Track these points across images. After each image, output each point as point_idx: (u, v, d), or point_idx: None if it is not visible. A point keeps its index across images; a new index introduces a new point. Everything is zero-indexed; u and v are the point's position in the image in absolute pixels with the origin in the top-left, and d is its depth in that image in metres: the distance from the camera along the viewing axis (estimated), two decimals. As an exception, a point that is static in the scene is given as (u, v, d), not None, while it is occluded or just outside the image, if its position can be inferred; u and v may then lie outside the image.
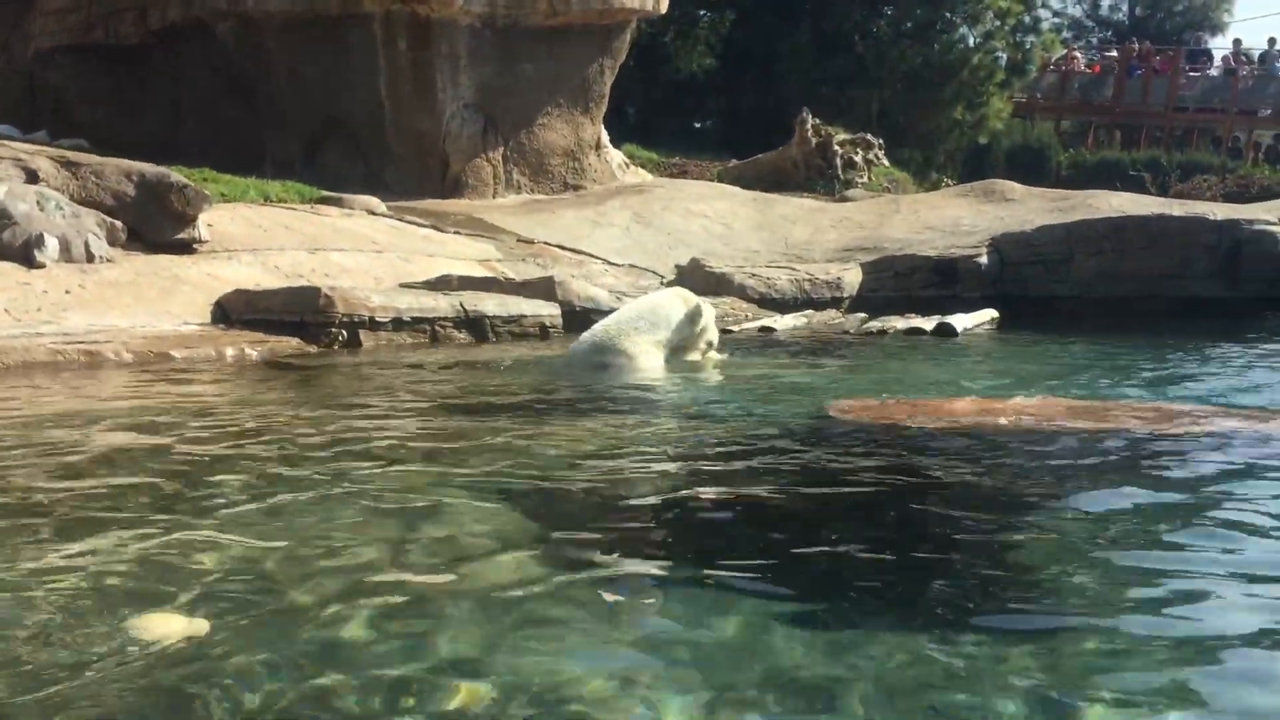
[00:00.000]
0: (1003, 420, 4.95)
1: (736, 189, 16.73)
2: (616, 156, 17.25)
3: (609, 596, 2.75)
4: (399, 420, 5.22)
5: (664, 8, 16.30)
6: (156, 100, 15.97)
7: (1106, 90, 29.59)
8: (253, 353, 7.67)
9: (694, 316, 7.46)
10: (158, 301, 8.35)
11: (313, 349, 7.97)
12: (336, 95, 14.78)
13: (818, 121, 19.06)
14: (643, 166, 18.29)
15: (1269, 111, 28.55)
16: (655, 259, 12.89)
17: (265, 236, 10.47)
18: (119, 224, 9.12)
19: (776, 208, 15.51)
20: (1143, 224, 12.00)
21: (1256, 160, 26.77)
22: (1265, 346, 8.56)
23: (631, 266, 12.63)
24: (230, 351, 7.59)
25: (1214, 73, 29.79)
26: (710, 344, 7.68)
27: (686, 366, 7.31)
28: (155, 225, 9.37)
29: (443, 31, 14.51)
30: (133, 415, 5.29)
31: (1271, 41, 30.17)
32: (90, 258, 8.58)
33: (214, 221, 9.98)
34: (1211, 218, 11.98)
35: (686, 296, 7.65)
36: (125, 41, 15.94)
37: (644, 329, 7.29)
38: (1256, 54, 29.97)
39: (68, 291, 8.01)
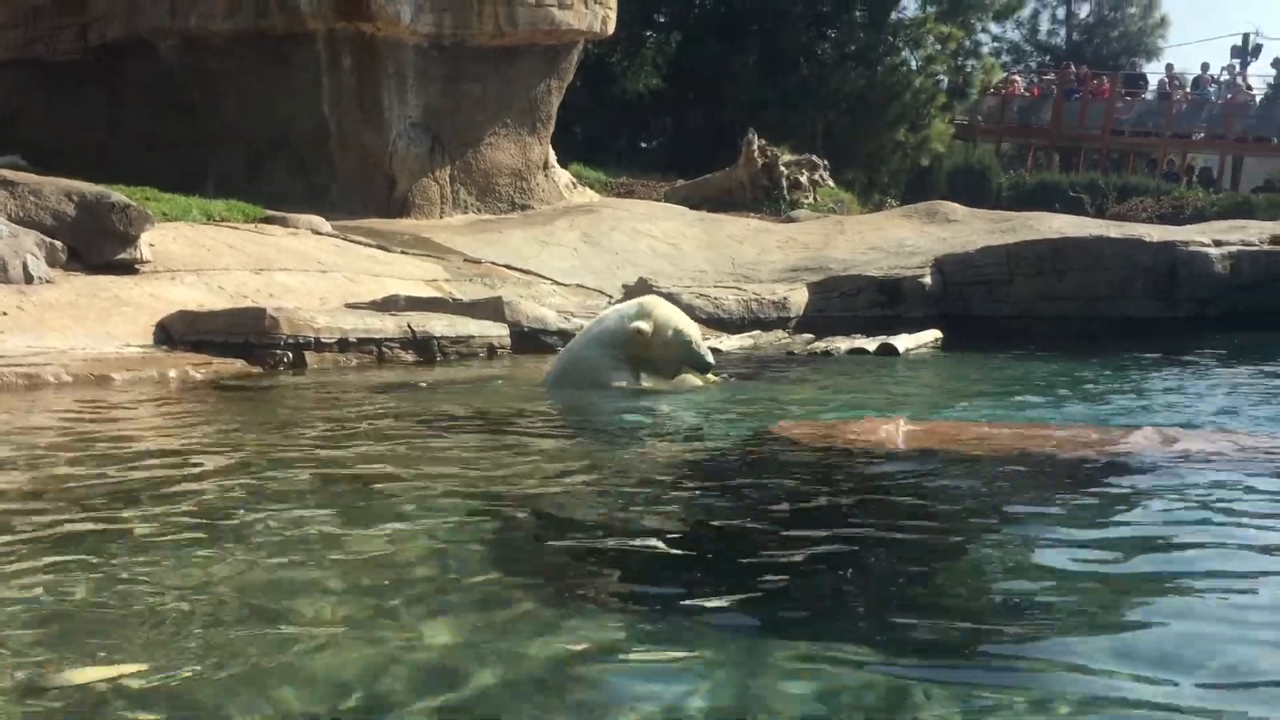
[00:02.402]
0: (936, 440, 5.03)
1: (684, 209, 16.83)
2: (564, 176, 17.29)
3: (537, 624, 2.75)
4: (342, 444, 5.18)
5: (611, 28, 16.40)
6: (97, 117, 15.77)
7: (1045, 114, 30.16)
8: (196, 375, 7.58)
9: (657, 330, 6.77)
10: (98, 323, 8.23)
11: (257, 371, 7.90)
12: (281, 114, 14.69)
13: (764, 142, 19.24)
14: (590, 186, 18.34)
15: (1202, 135, 29.26)
16: (603, 279, 12.92)
17: (209, 256, 10.36)
18: (59, 244, 8.99)
19: (723, 228, 15.62)
20: (1081, 245, 12.22)
21: (1190, 183, 27.40)
22: (1196, 365, 8.75)
23: (580, 286, 12.65)
24: (173, 373, 7.49)
25: (1149, 97, 30.49)
26: (697, 365, 6.94)
27: (667, 387, 6.96)
28: (96, 245, 9.25)
29: (389, 51, 14.49)
30: (69, 441, 5.21)
31: (1204, 67, 30.99)
32: (29, 279, 8.44)
33: (156, 241, 9.87)
34: (1148, 240, 12.24)
35: (649, 307, 6.99)
36: (66, 58, 15.73)
37: (606, 343, 6.93)
38: (1190, 79, 30.74)
39: (5, 313, 7.87)
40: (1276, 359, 8.79)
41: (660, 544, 3.47)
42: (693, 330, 7.00)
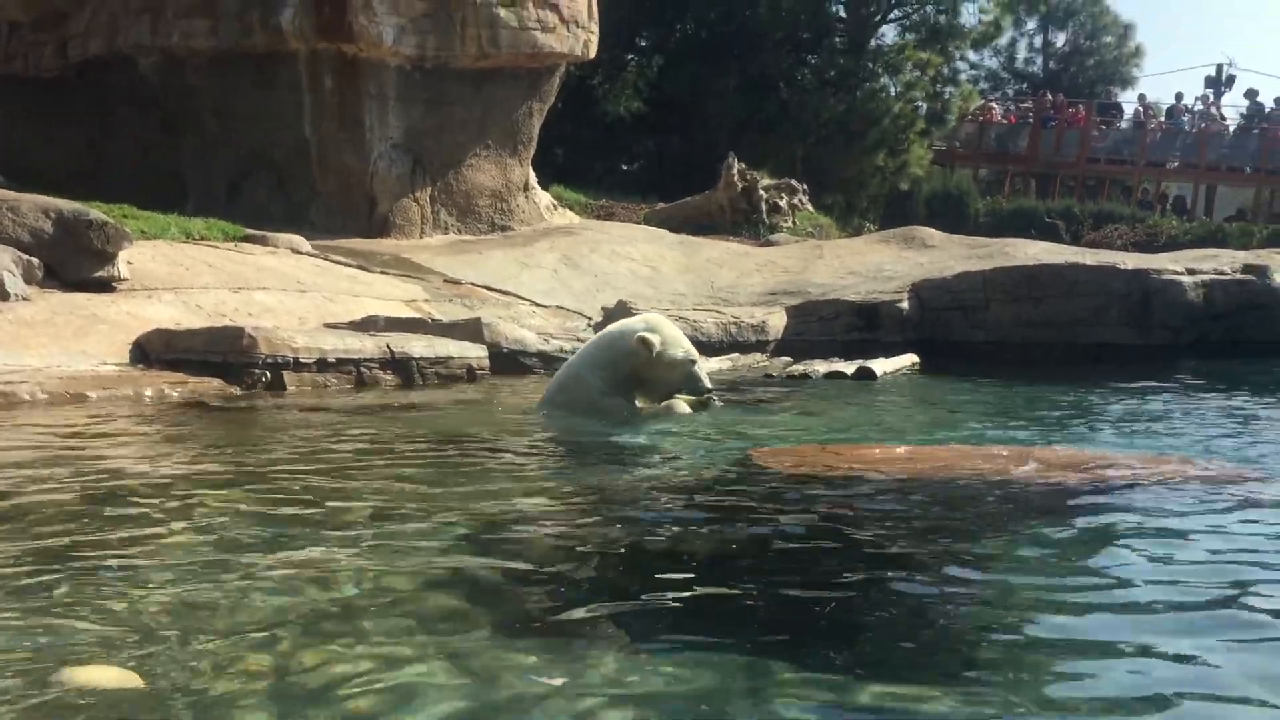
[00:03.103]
0: (910, 466, 5.06)
1: (663, 232, 16.89)
2: (544, 198, 17.34)
3: (516, 644, 2.76)
4: (320, 468, 5.17)
5: (593, 52, 16.48)
6: (77, 134, 15.71)
7: (1022, 141, 30.44)
8: (173, 394, 7.54)
9: (664, 348, 6.58)
10: (75, 341, 8.19)
11: (235, 390, 7.87)
12: (262, 132, 14.68)
13: (744, 166, 19.35)
14: (570, 208, 18.39)
15: (1176, 164, 29.58)
16: (583, 301, 12.93)
17: (187, 275, 10.33)
18: (36, 261, 8.95)
19: (703, 251, 15.68)
20: (1057, 272, 12.33)
21: (1164, 211, 27.69)
22: (1171, 393, 8.83)
23: (559, 308, 12.66)
24: (149, 392, 7.46)
25: (1124, 126, 30.81)
26: (697, 389, 6.80)
27: (658, 409, 6.85)
28: (73, 263, 9.21)
29: (370, 71, 14.51)
30: (35, 461, 5.18)
31: (1179, 96, 31.35)
32: (5, 296, 8.40)
33: (134, 259, 9.84)
34: (1122, 267, 12.35)
35: (655, 324, 6.80)
36: (45, 74, 15.68)
37: (601, 364, 6.75)
38: (1164, 108, 31.08)
39: (-19, 330, 7.83)
40: (1241, 388, 8.89)
41: (614, 572, 3.49)
42: (694, 352, 6.88)
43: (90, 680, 2.49)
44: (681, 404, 6.90)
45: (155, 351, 8.30)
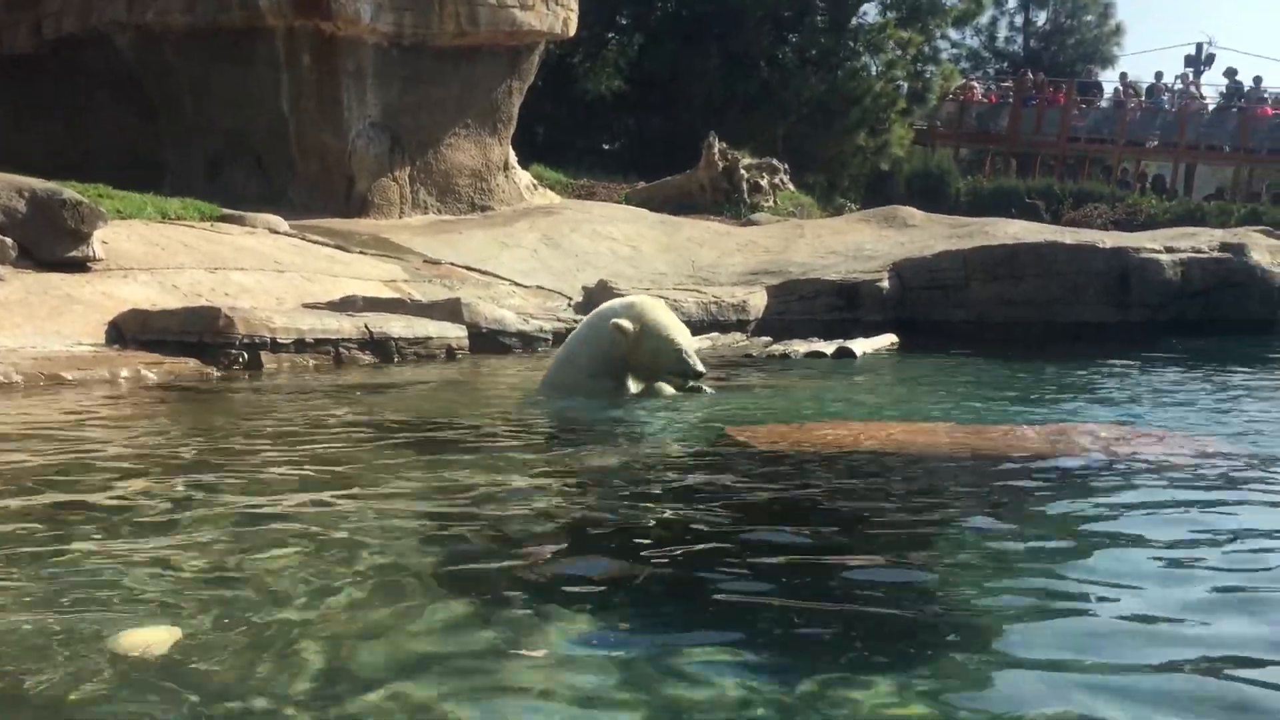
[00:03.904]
0: (887, 443, 5.08)
1: (644, 211, 16.85)
2: (524, 177, 17.26)
3: (498, 629, 2.76)
4: (299, 447, 5.15)
5: (573, 30, 16.39)
6: (52, 112, 15.54)
7: (1002, 120, 30.46)
8: (149, 374, 7.50)
9: (646, 332, 6.48)
10: (49, 321, 8.12)
11: (212, 371, 7.83)
12: (239, 111, 14.56)
13: (724, 145, 19.30)
14: (551, 188, 18.32)
15: (1156, 143, 29.67)
16: (563, 281, 12.91)
17: (163, 255, 10.25)
18: (9, 241, 8.86)
19: (683, 231, 15.65)
20: (1036, 251, 12.38)
21: (1144, 190, 27.78)
22: (1151, 368, 8.88)
23: (539, 288, 12.63)
24: (125, 373, 7.41)
25: (1104, 105, 30.87)
26: (681, 372, 6.62)
27: (651, 392, 6.74)
28: (47, 243, 9.12)
29: (348, 49, 14.39)
30: (12, 436, 5.15)
31: (1158, 75, 31.42)
32: (-22, 275, 8.32)
33: (110, 239, 9.75)
34: (1101, 246, 12.41)
35: (640, 308, 6.66)
36: (20, 51, 15.49)
37: (590, 343, 6.66)
38: (1144, 87, 31.14)
39: (-47, 310, 7.76)
40: (1213, 363, 8.96)
41: (571, 548, 3.49)
42: (683, 336, 6.66)
43: (143, 640, 2.54)
44: (667, 387, 6.79)
45: (131, 332, 8.25)
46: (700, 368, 6.70)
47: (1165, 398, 7.23)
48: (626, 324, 6.48)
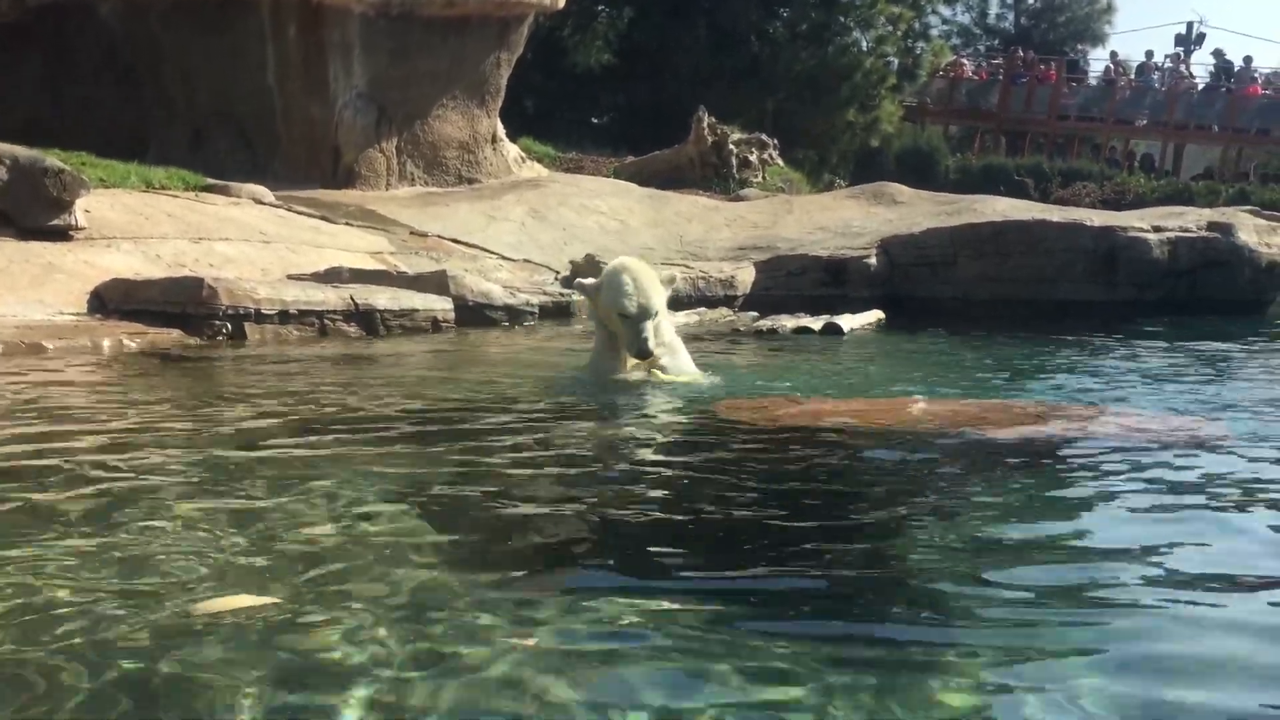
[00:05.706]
0: (870, 418, 5.08)
1: (632, 185, 16.78)
2: (513, 150, 17.16)
3: (491, 607, 2.75)
4: (281, 419, 5.12)
5: (562, 2, 16.27)
6: (36, 82, 15.35)
7: (992, 97, 30.44)
8: (131, 344, 7.45)
9: (603, 296, 5.88)
10: (30, 290, 8.06)
11: (195, 341, 7.78)
12: (225, 81, 14.42)
13: (714, 120, 19.21)
14: (539, 161, 18.23)
15: (1145, 122, 29.69)
16: (550, 254, 12.85)
17: (147, 224, 10.17)
18: (-10, 209, 8.78)
19: (671, 205, 15.59)
20: (1024, 229, 12.37)
21: (1132, 169, 27.81)
22: (1139, 346, 8.90)
23: (526, 262, 12.58)
24: (107, 343, 7.36)
25: (1094, 83, 30.85)
26: (629, 345, 5.88)
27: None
28: (29, 210, 9.04)
29: (335, 19, 14.25)
30: None
31: (1148, 54, 31.39)
32: (-42, 244, 8.25)
33: (92, 208, 9.67)
34: (1089, 224, 12.41)
35: (611, 267, 6.08)
36: (2, 20, 15.28)
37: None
38: (1134, 66, 31.13)
39: (-67, 279, 7.69)
40: (1197, 342, 8.99)
41: (555, 524, 3.48)
42: (635, 302, 5.79)
43: (229, 605, 2.55)
44: (659, 373, 6.05)
45: (114, 301, 8.19)
46: (648, 347, 5.83)
47: (1148, 377, 7.24)
48: (589, 284, 6.02)
